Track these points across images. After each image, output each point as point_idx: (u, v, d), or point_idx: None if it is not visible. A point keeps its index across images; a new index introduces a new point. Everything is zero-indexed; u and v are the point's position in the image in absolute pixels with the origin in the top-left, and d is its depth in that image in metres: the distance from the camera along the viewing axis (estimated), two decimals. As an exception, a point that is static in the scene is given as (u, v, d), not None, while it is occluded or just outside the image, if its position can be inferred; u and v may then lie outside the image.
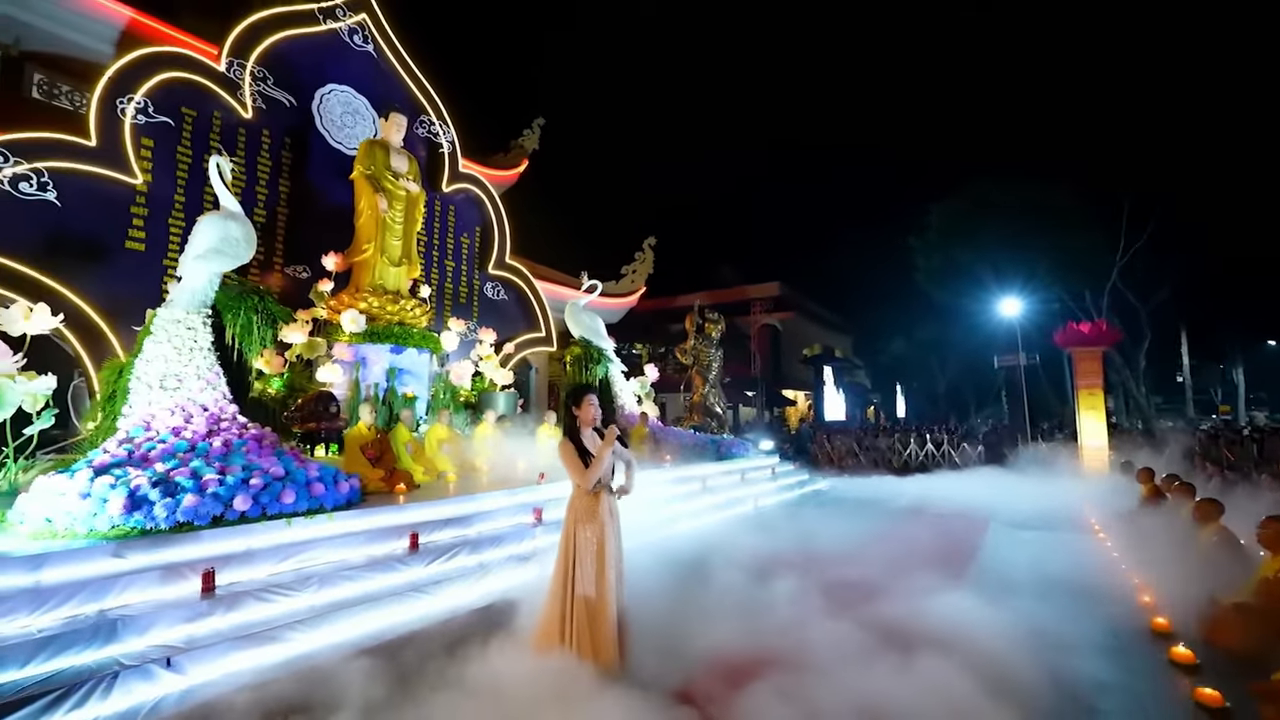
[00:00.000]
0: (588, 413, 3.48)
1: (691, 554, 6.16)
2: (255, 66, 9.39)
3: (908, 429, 19.40)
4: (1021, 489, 11.41)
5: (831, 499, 11.10)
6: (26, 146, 7.38)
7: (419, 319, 9.83)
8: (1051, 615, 4.49)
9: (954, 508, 9.68)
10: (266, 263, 9.64)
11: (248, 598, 3.63)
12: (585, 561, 3.36)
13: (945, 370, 32.76)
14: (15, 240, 7.24)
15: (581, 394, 3.48)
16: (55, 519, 3.76)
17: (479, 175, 12.92)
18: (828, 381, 29.07)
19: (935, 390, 33.97)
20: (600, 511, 3.42)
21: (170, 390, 5.60)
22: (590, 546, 3.36)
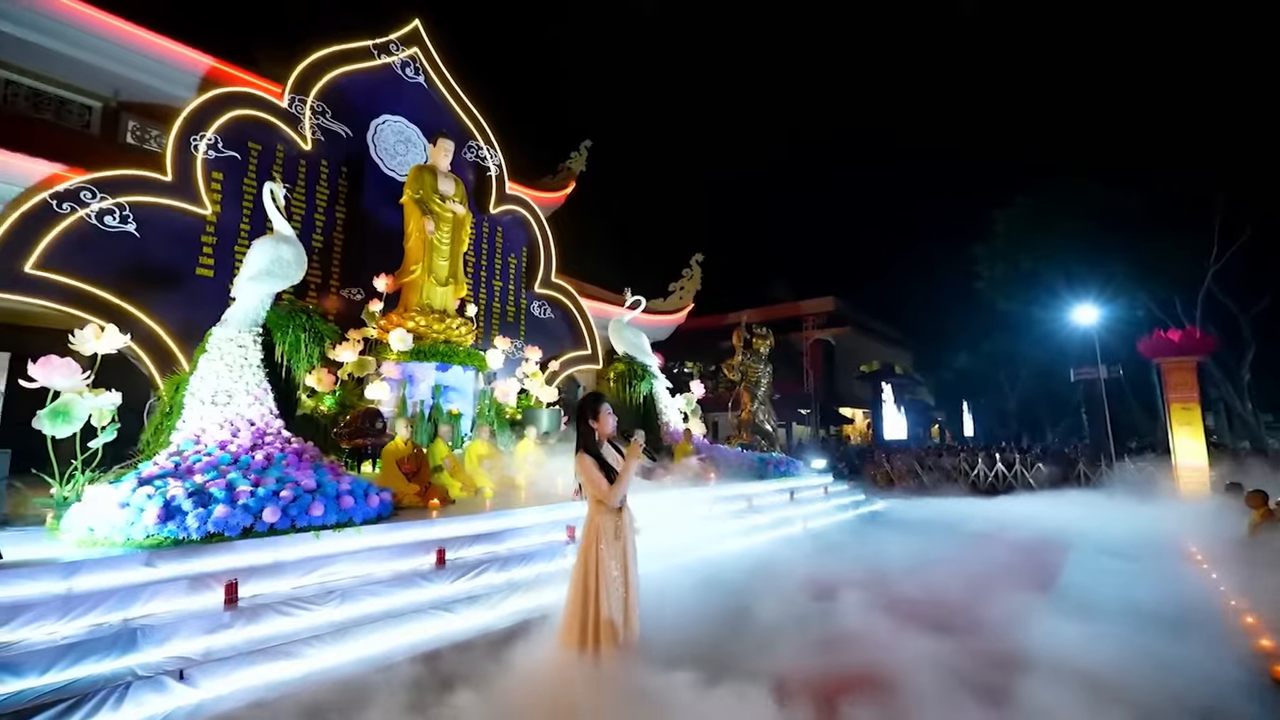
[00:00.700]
0: (605, 424, 3.30)
1: (736, 575, 5.86)
2: (315, 101, 9.87)
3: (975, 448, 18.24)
4: (1107, 513, 10.40)
5: (890, 520, 10.45)
6: (111, 183, 7.94)
7: (465, 337, 9.95)
8: (1153, 649, 3.89)
9: (1030, 531, 8.84)
10: (323, 285, 10.01)
11: (268, 610, 3.61)
12: (611, 583, 3.15)
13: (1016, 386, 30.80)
14: (100, 269, 7.76)
15: (597, 404, 3.30)
16: (96, 528, 3.87)
17: (525, 197, 13.12)
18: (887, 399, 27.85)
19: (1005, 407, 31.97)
20: (624, 529, 3.26)
21: (221, 405, 5.79)
22: (615, 567, 3.18)
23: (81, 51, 10.65)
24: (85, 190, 7.70)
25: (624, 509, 3.30)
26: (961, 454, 17.24)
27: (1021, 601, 4.91)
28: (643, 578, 5.50)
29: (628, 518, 3.31)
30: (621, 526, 3.24)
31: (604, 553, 3.17)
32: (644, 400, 11.47)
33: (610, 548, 3.19)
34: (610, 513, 3.23)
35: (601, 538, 3.16)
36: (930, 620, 4.40)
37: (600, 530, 3.21)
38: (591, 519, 3.28)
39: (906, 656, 3.65)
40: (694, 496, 8.07)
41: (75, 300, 7.56)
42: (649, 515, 6.95)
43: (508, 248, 12.85)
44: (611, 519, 3.23)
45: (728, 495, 8.53)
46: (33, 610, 3.09)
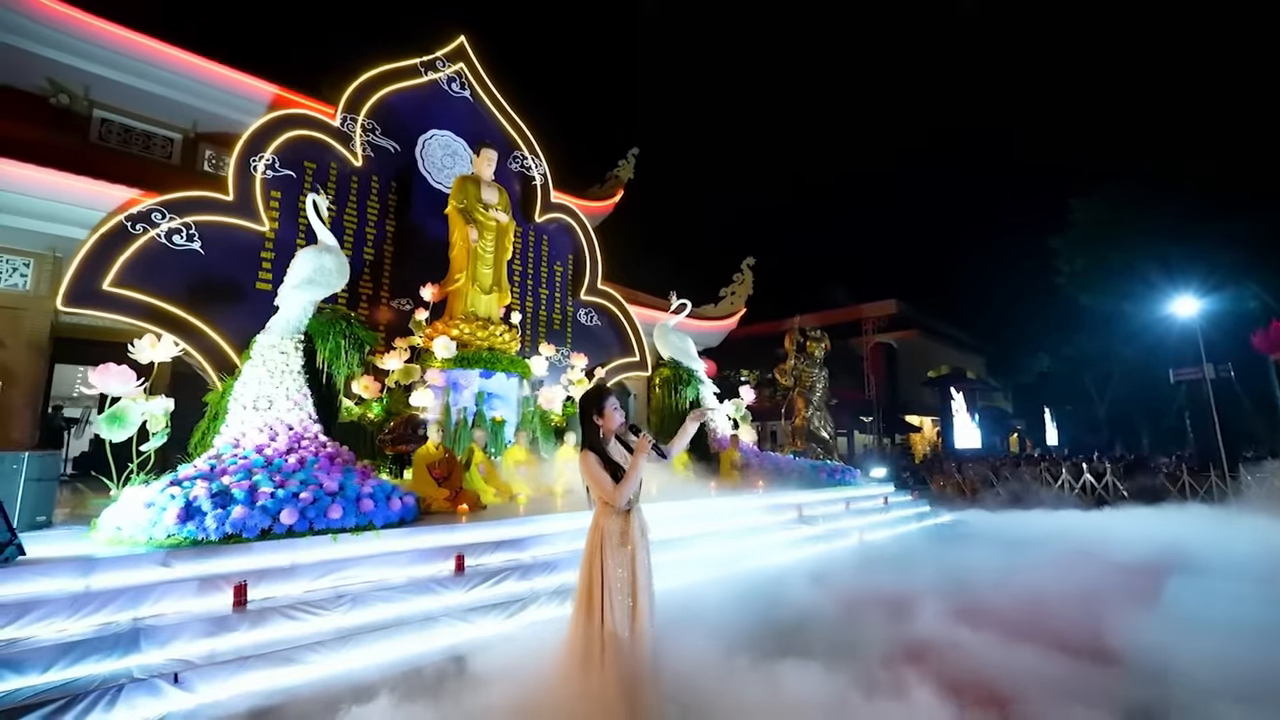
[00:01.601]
0: (611, 420, 3.01)
1: (780, 587, 5.44)
2: (365, 119, 10.19)
3: (1060, 457, 16.75)
4: (1225, 529, 9.15)
5: (958, 534, 9.61)
6: (178, 204, 8.38)
7: (508, 344, 9.93)
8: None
9: (1130, 549, 7.71)
10: (375, 297, 10.25)
11: (275, 614, 3.52)
12: (618, 593, 2.86)
13: (1106, 390, 28.25)
14: (169, 285, 8.19)
15: (602, 398, 3.02)
16: (124, 527, 3.93)
17: (570, 204, 13.11)
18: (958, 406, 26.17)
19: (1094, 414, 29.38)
20: (633, 533, 2.95)
21: (261, 410, 5.90)
22: (623, 575, 2.88)
23: (165, 89, 11.46)
24: (156, 211, 8.15)
25: (633, 512, 3.00)
26: (1043, 464, 15.86)
27: (1124, 623, 4.24)
28: (677, 589, 5.21)
29: (637, 522, 3.01)
30: (629, 531, 2.95)
31: (609, 560, 2.88)
32: (690, 406, 11.10)
33: (616, 554, 2.89)
34: (617, 515, 2.95)
35: (606, 543, 2.87)
36: (1010, 651, 3.84)
37: (605, 534, 2.92)
38: (596, 522, 3.00)
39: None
40: (739, 505, 7.65)
41: (147, 315, 7.97)
42: (687, 525, 6.63)
43: (554, 255, 12.85)
44: (618, 522, 2.94)
45: (776, 504, 8.05)
46: (45, 607, 3.11)
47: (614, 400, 3.01)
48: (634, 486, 2.88)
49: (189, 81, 11.56)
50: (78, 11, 10.47)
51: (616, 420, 2.97)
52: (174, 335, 8.07)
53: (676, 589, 5.21)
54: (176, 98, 11.61)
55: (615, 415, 2.97)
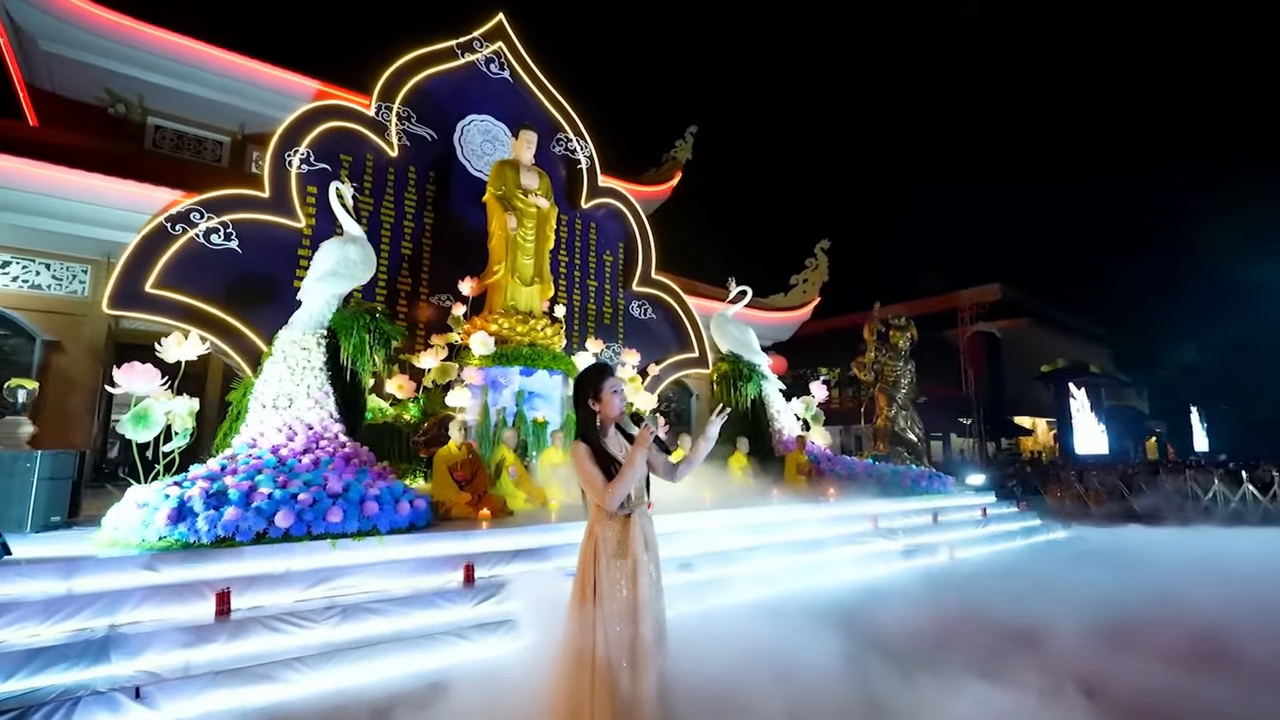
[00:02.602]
0: (610, 406, 2.62)
1: (850, 610, 4.93)
2: (400, 107, 10.36)
3: (1210, 464, 14.92)
4: None
5: (1079, 552, 8.57)
6: (215, 203, 8.78)
7: (551, 340, 9.81)
8: None
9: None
10: (413, 293, 10.40)
11: (257, 625, 3.43)
12: (614, 617, 2.49)
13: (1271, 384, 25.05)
14: (208, 285, 8.58)
15: (599, 379, 2.66)
16: (119, 528, 3.98)
17: (620, 189, 12.89)
18: (1079, 405, 23.94)
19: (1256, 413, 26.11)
20: (632, 542, 2.55)
21: (281, 409, 5.99)
22: (622, 595, 2.51)
23: (214, 92, 12.15)
24: (194, 211, 8.55)
25: (633, 518, 2.62)
26: (1189, 471, 14.14)
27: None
28: (724, 610, 4.81)
29: (638, 529, 2.61)
30: (629, 541, 2.57)
31: (603, 576, 2.52)
32: (751, 404, 10.60)
33: (612, 569, 2.53)
34: (613, 520, 2.59)
35: (601, 555, 2.52)
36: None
37: (600, 545, 2.56)
38: (590, 531, 2.66)
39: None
40: (803, 514, 7.14)
41: (188, 316, 8.36)
42: (741, 536, 6.20)
43: (603, 244, 12.66)
44: (615, 529, 2.58)
45: (847, 515, 7.46)
46: (18, 610, 3.14)
47: (614, 382, 2.66)
48: (629, 485, 2.52)
49: (236, 83, 12.23)
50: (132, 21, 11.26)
51: (616, 406, 2.61)
52: (214, 336, 8.48)
53: (722, 609, 4.83)
54: (225, 100, 12.32)
55: (614, 400, 2.61)
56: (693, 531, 5.89)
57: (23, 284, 9.51)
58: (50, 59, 10.98)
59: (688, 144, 16.77)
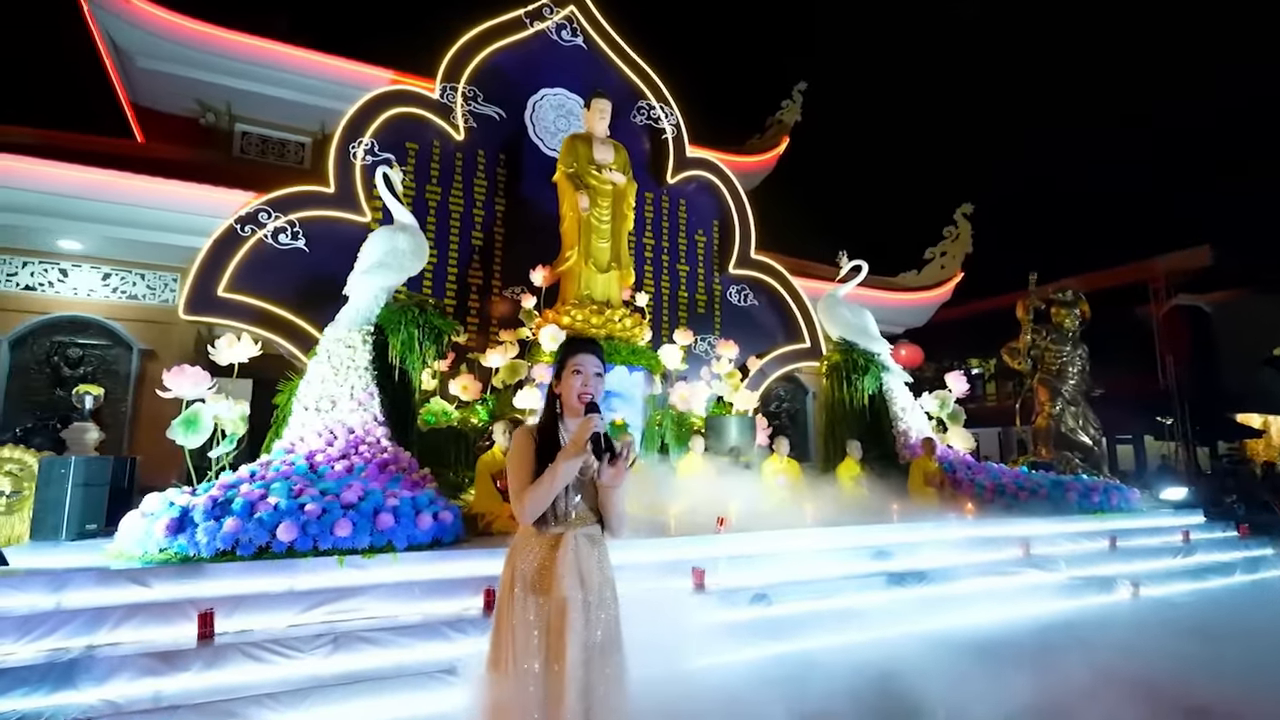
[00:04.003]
0: (572, 386, 2.06)
1: (981, 664, 4.13)
2: (466, 86, 10.43)
3: None
4: None
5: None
6: (281, 202, 9.25)
7: (631, 332, 9.46)
8: None
9: None
10: (485, 287, 10.45)
11: (237, 653, 3.28)
12: (523, 674, 1.91)
13: None
14: (276, 286, 9.04)
15: (562, 353, 2.16)
16: (125, 539, 4.04)
17: (713, 160, 12.30)
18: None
19: None
20: (559, 572, 1.96)
21: (323, 412, 6.04)
22: (531, 642, 1.93)
23: (295, 93, 12.93)
24: (262, 211, 9.04)
25: (565, 539, 1.99)
26: None
27: None
28: (804, 657, 4.16)
29: (571, 555, 1.98)
30: (554, 570, 1.95)
31: (517, 612, 1.96)
32: (869, 400, 9.61)
33: (528, 605, 1.95)
34: (536, 540, 2.00)
35: (516, 583, 1.99)
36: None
37: (519, 568, 2.01)
38: (513, 548, 2.07)
39: None
40: (926, 535, 6.23)
41: (258, 319, 8.84)
42: (843, 561, 5.45)
43: (694, 223, 12.14)
44: (535, 553, 1.99)
45: (988, 537, 6.45)
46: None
47: (581, 359, 2.12)
48: (548, 495, 1.93)
49: (313, 81, 12.94)
50: (218, 29, 12.23)
51: (576, 386, 2.09)
52: (282, 338, 8.92)
53: (801, 656, 4.19)
54: (305, 100, 13.09)
55: (573, 382, 2.09)
56: (775, 555, 5.24)
57: (121, 294, 10.56)
58: (147, 75, 12.15)
59: (796, 104, 15.83)
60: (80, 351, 10.19)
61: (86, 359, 10.19)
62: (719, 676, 3.85)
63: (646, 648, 3.94)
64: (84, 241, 9.95)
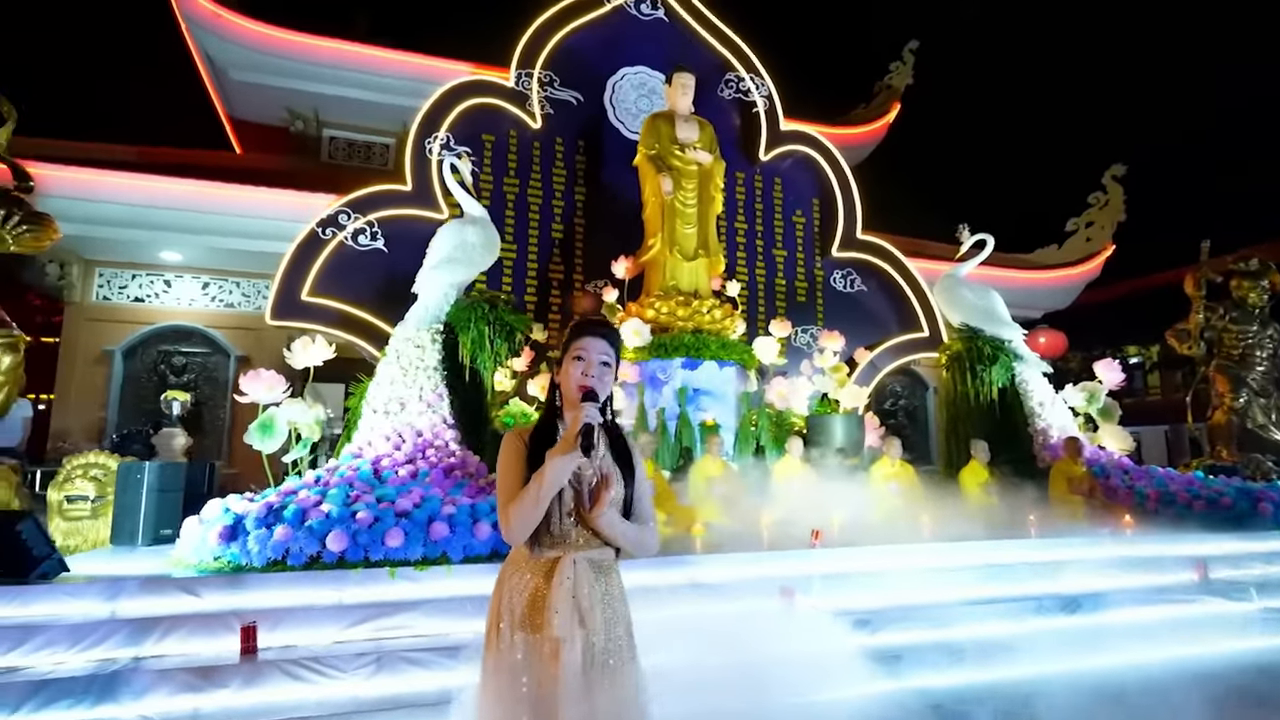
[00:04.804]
0: (571, 376, 1.79)
1: (1169, 708, 3.55)
2: (542, 72, 10.42)
3: None
4: None
5: None
6: (360, 203, 9.56)
7: (721, 324, 9.13)
8: None
9: None
10: (566, 282, 10.41)
11: (277, 670, 3.24)
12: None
13: None
14: (357, 288, 9.36)
15: (570, 338, 1.86)
16: (185, 546, 4.16)
17: (811, 133, 11.71)
18: None
19: None
20: (554, 604, 1.67)
21: (392, 414, 6.10)
22: (520, 685, 1.64)
23: (378, 94, 13.44)
24: (342, 213, 9.38)
25: (562, 565, 1.70)
26: None
27: None
28: (949, 697, 3.69)
29: (567, 584, 1.69)
30: (550, 601, 1.66)
31: (503, 653, 1.68)
32: (999, 394, 8.74)
33: (515, 644, 1.67)
34: (528, 565, 1.73)
35: (502, 617, 1.73)
36: None
37: (504, 601, 1.74)
38: (504, 570, 1.81)
39: None
40: (1070, 553, 5.50)
41: (341, 322, 9.18)
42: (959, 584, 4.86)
43: (791, 202, 11.61)
44: (528, 579, 1.72)
45: (1152, 557, 5.61)
46: (47, 634, 3.30)
47: (586, 343, 1.80)
48: (533, 509, 1.63)
49: (395, 81, 13.41)
50: (306, 36, 12.91)
51: (573, 380, 1.79)
52: (365, 341, 9.22)
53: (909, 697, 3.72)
54: (387, 101, 13.58)
55: (572, 371, 1.79)
56: (881, 574, 4.75)
57: (220, 303, 11.35)
58: (241, 88, 13.00)
59: (907, 66, 14.89)
60: (184, 360, 11.03)
61: (189, 366, 11.02)
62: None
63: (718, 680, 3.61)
64: (185, 252, 10.75)
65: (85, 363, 10.60)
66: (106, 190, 9.60)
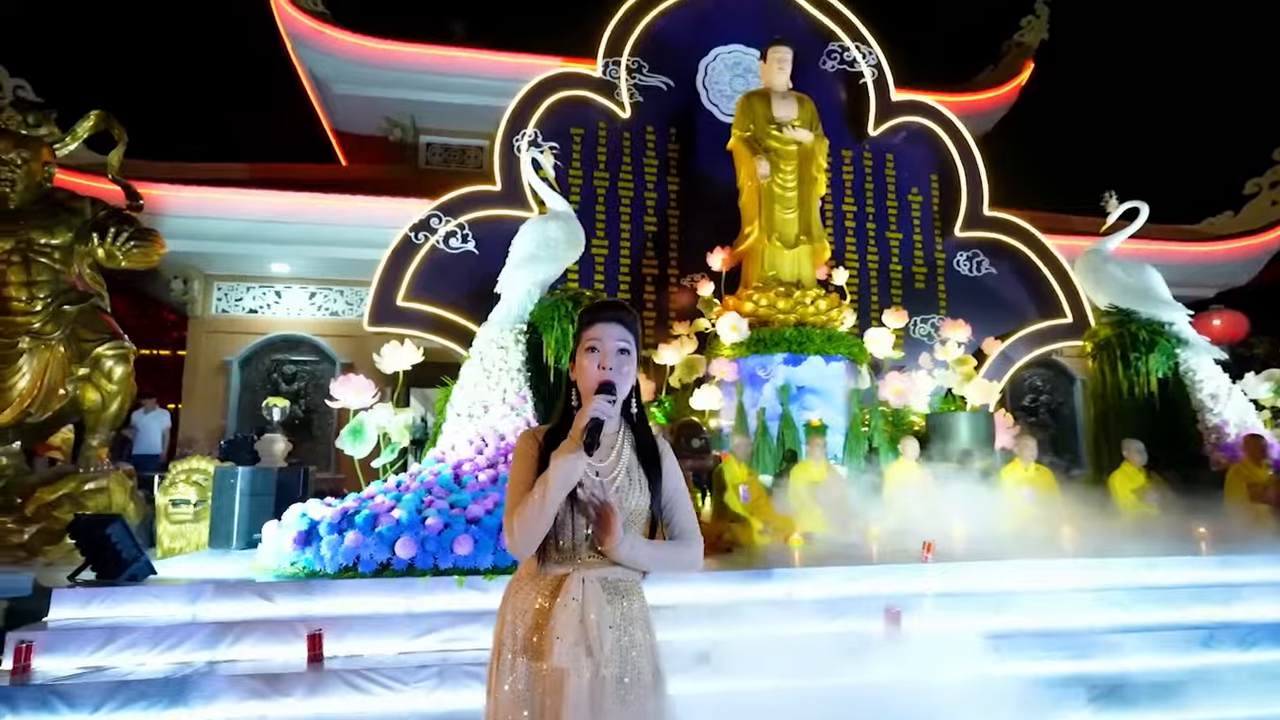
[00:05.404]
0: (586, 369, 1.62)
1: None
2: (630, 59, 10.34)
3: None
4: None
5: None
6: (451, 205, 9.82)
7: (827, 316, 8.73)
8: None
9: None
10: (661, 278, 10.29)
11: (338, 681, 3.28)
12: None
13: None
14: (450, 292, 9.64)
15: (580, 327, 1.69)
16: (266, 551, 4.34)
17: (927, 102, 11.00)
18: None
19: None
20: (557, 625, 1.49)
21: (476, 417, 6.18)
22: (523, 718, 1.50)
23: (472, 97, 13.87)
24: (434, 217, 9.70)
25: (570, 582, 1.53)
26: None
27: None
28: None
29: (574, 606, 1.51)
30: (554, 625, 1.48)
31: (505, 680, 1.54)
32: (1160, 386, 7.80)
33: (517, 671, 1.53)
34: (533, 582, 1.58)
35: (505, 640, 1.58)
36: None
37: (505, 624, 1.60)
38: (503, 597, 1.67)
39: None
40: (1254, 573, 4.75)
41: (435, 327, 9.50)
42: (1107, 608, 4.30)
43: (905, 180, 10.95)
44: (533, 598, 1.56)
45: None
46: (131, 635, 3.49)
47: (599, 330, 1.62)
48: (539, 517, 1.47)
49: (488, 82, 13.76)
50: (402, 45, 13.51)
51: (589, 374, 1.61)
52: (459, 346, 9.47)
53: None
54: (481, 103, 13.97)
55: (588, 361, 1.61)
56: (1009, 594, 4.27)
57: (326, 312, 12.06)
58: (342, 100, 13.79)
59: (1042, 19, 13.79)
60: (294, 368, 11.80)
61: (299, 375, 11.77)
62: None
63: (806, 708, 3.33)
64: (293, 263, 11.49)
65: (207, 373, 11.55)
66: (222, 207, 10.40)
